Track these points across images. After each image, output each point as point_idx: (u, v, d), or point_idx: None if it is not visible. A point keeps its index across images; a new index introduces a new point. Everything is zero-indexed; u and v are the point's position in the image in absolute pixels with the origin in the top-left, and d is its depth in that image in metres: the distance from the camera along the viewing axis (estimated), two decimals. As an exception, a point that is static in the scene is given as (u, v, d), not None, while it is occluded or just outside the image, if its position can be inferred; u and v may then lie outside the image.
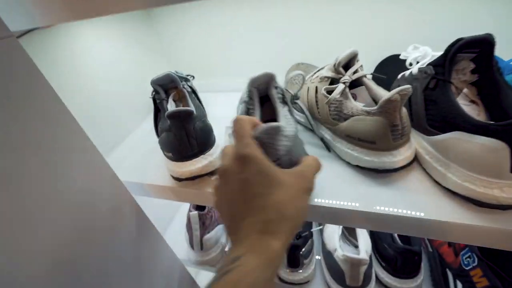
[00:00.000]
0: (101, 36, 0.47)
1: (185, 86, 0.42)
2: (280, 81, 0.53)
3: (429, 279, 0.47)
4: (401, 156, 0.31)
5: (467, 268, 0.38)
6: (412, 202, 0.29)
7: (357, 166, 0.34)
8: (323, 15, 0.50)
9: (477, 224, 0.26)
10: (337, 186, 0.33)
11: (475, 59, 0.30)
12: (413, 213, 0.29)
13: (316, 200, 0.32)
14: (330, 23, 0.50)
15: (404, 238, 0.46)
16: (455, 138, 0.27)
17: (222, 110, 0.49)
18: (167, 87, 0.42)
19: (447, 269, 0.43)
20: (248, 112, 0.33)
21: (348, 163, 0.35)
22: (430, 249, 0.48)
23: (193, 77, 0.50)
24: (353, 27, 0.49)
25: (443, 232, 0.28)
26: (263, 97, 0.35)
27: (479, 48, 0.28)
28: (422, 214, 0.28)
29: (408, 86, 0.28)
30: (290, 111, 0.34)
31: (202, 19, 0.56)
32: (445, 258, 0.44)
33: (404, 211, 0.29)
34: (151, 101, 0.44)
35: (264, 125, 0.24)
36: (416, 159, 0.33)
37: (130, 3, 0.22)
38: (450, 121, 0.28)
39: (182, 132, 0.34)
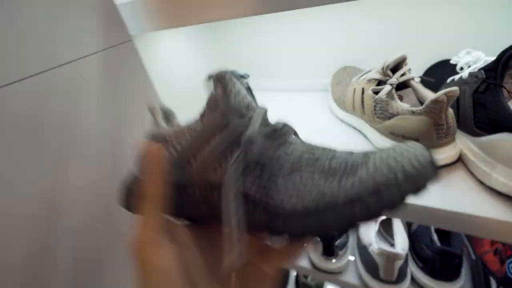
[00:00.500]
0: (178, 40, 0.56)
1: (242, 83, 0.48)
2: (328, 83, 0.57)
3: (470, 286, 0.46)
4: (445, 154, 0.33)
5: (509, 273, 0.38)
6: (455, 198, 0.31)
7: (399, 162, 0.36)
8: (374, 21, 0.52)
9: (519, 223, 0.27)
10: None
11: (531, 65, 0.30)
12: (456, 208, 0.30)
13: None
14: (380, 28, 0.52)
15: (444, 241, 0.46)
16: (503, 139, 0.29)
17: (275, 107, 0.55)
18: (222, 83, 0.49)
19: (491, 277, 0.42)
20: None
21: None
22: (473, 257, 0.47)
23: (248, 75, 0.57)
24: (404, 32, 0.51)
25: (486, 229, 0.29)
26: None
27: (535, 53, 0.29)
28: (465, 210, 0.29)
29: (456, 88, 0.30)
30: None
31: (258, 28, 0.63)
32: (489, 267, 0.43)
33: (447, 206, 0.30)
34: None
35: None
36: (460, 159, 0.35)
37: (237, 10, 0.27)
38: (498, 123, 0.29)
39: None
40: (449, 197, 0.31)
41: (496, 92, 0.30)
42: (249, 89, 0.51)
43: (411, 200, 0.32)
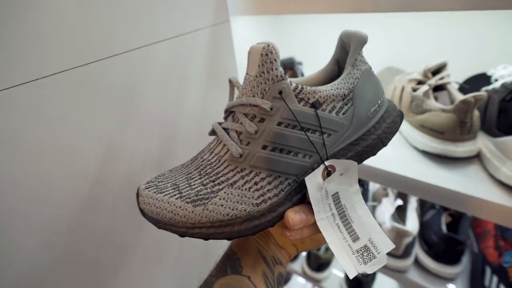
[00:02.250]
0: (252, 27, 0.65)
1: (298, 68, 0.57)
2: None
3: (468, 275, 0.52)
4: (464, 148, 0.39)
5: (505, 266, 0.44)
6: (465, 184, 0.37)
7: (423, 151, 0.43)
8: (420, 29, 0.57)
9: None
10: (407, 164, 0.43)
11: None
12: (464, 191, 0.37)
13: (387, 169, 0.42)
14: (426, 36, 0.57)
15: (451, 231, 0.53)
16: (515, 141, 0.35)
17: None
18: (285, 67, 0.58)
19: (487, 266, 0.48)
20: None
21: (416, 148, 0.45)
22: (476, 250, 0.53)
23: (302, 63, 0.65)
24: (448, 42, 0.56)
25: (488, 211, 0.36)
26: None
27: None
28: (475, 194, 0.36)
29: (484, 93, 0.36)
30: None
31: (315, 25, 0.70)
32: (487, 258, 0.49)
33: (460, 189, 0.37)
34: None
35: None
36: (478, 155, 0.41)
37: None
38: (515, 127, 0.35)
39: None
40: (464, 183, 0.38)
41: (518, 102, 0.36)
42: (302, 75, 0.60)
43: (428, 179, 0.39)
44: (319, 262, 0.78)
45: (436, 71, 0.45)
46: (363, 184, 0.68)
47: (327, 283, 0.80)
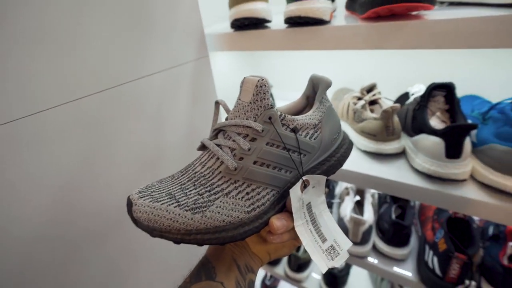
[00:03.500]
0: (228, 61, 0.79)
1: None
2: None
3: (416, 254, 0.62)
4: (391, 146, 0.52)
5: (437, 240, 0.54)
6: (394, 173, 0.49)
7: (364, 151, 0.55)
8: (366, 58, 0.73)
9: (429, 188, 0.45)
10: (353, 162, 0.54)
11: (446, 96, 0.49)
12: (393, 178, 0.48)
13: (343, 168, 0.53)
14: (371, 64, 0.73)
15: (399, 218, 0.63)
16: (422, 137, 0.47)
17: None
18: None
19: (426, 245, 0.58)
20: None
21: (359, 149, 0.57)
22: (420, 234, 0.63)
23: (272, 85, 0.78)
24: (380, 68, 0.71)
25: (409, 192, 0.47)
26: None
27: (446, 89, 0.48)
28: (398, 179, 0.47)
29: (397, 104, 0.49)
30: None
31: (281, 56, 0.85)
32: (427, 238, 0.59)
33: (389, 177, 0.48)
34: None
35: None
36: (404, 152, 0.53)
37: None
38: (421, 128, 0.48)
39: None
40: (393, 173, 0.49)
41: (422, 110, 0.49)
42: (271, 95, 0.72)
43: (368, 171, 0.51)
44: (299, 263, 0.85)
45: (369, 89, 0.58)
46: (329, 185, 0.79)
47: (308, 284, 0.87)
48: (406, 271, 0.59)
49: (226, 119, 0.27)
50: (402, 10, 0.38)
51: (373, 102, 0.59)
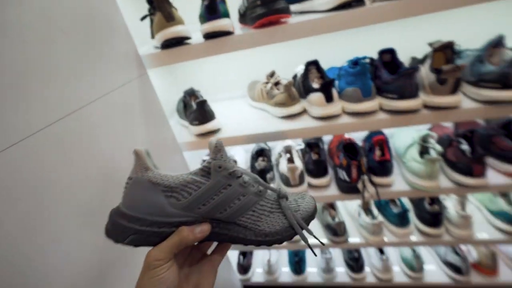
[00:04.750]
0: (164, 75, 0.90)
1: (199, 95, 0.85)
2: (245, 91, 0.99)
3: (334, 179, 0.90)
4: (295, 108, 0.76)
5: (341, 161, 0.83)
6: (301, 123, 0.73)
7: (281, 117, 0.79)
8: (267, 54, 0.98)
9: (322, 125, 0.70)
10: (277, 126, 0.77)
11: (317, 68, 0.77)
12: (302, 126, 0.72)
13: (273, 131, 0.75)
14: (272, 58, 0.98)
15: (319, 159, 0.90)
16: (310, 96, 0.73)
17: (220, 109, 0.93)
18: (189, 95, 0.85)
19: (337, 168, 0.86)
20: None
21: (276, 116, 0.80)
22: (332, 165, 0.92)
23: (199, 91, 0.94)
24: (274, 59, 0.97)
25: (310, 132, 0.72)
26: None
27: (315, 63, 0.76)
28: (304, 126, 0.72)
29: (291, 79, 0.74)
30: None
31: (203, 63, 1.02)
32: (336, 163, 0.87)
33: (298, 127, 0.72)
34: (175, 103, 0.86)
35: None
36: (305, 110, 0.79)
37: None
38: (308, 90, 0.74)
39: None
40: (301, 124, 0.73)
41: (306, 79, 0.76)
42: (201, 97, 0.88)
43: (289, 127, 0.73)
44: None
45: (271, 75, 0.83)
46: (266, 154, 1.00)
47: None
48: (332, 192, 0.86)
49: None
50: (276, 19, 0.62)
51: (276, 84, 0.83)
